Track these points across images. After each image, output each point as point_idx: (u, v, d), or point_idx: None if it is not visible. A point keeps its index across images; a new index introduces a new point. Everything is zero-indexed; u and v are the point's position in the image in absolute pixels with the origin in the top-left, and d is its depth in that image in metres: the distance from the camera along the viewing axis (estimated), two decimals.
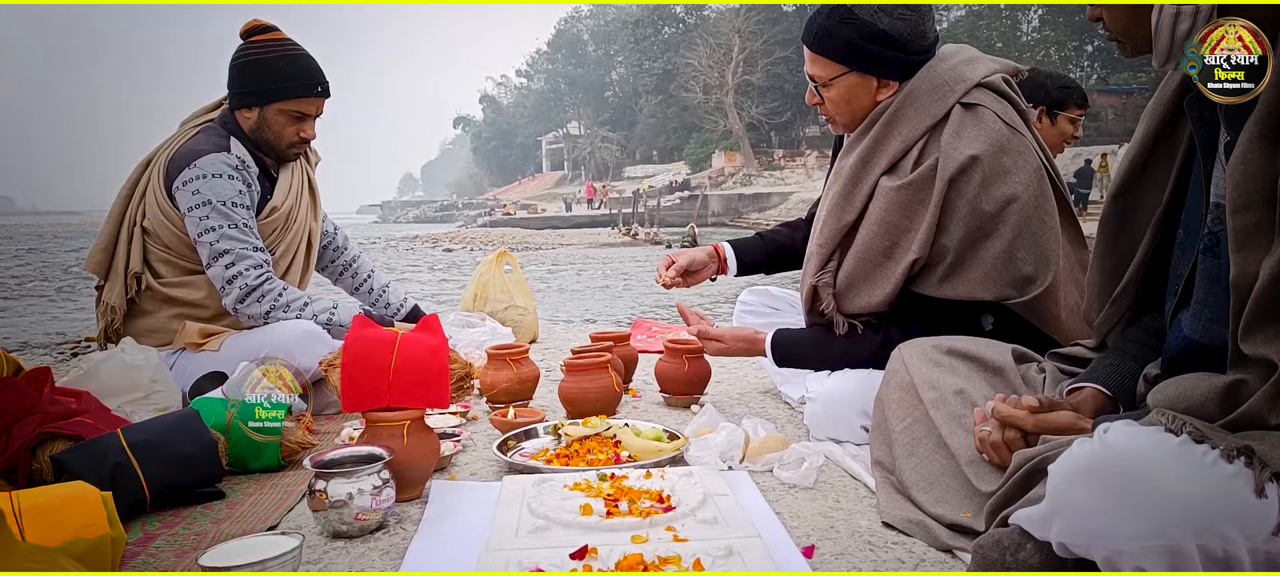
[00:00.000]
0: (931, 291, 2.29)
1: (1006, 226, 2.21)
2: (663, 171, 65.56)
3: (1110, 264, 1.73)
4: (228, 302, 2.89)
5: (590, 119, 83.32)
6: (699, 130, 64.73)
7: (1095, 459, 1.19)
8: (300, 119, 3.06)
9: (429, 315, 2.26)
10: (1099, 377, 1.70)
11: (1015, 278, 2.22)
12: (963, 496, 1.75)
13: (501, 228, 48.09)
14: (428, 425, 2.10)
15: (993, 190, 2.21)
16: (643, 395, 3.15)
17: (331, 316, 2.96)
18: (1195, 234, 1.51)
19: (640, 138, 78.06)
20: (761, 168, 57.49)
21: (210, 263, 2.88)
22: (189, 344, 2.90)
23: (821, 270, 2.43)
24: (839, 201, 2.40)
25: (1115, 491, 1.16)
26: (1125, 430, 1.20)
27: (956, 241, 2.22)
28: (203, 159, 2.89)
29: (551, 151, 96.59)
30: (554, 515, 1.75)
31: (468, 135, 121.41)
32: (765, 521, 1.82)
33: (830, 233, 2.41)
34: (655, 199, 47.46)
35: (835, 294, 2.41)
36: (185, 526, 1.90)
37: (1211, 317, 1.45)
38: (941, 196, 2.21)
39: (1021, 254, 2.21)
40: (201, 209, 2.85)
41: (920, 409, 1.95)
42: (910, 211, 2.26)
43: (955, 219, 2.22)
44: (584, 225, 47.47)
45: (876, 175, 2.33)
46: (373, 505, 1.81)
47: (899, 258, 2.28)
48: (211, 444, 2.09)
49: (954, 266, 2.24)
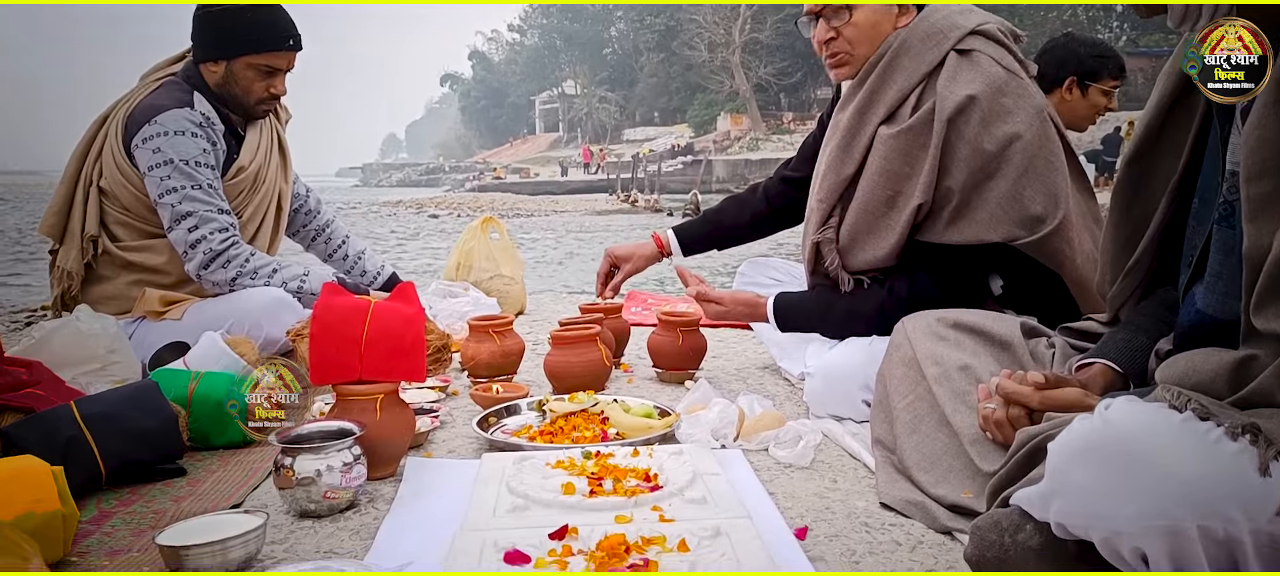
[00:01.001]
0: (937, 238, 2.33)
1: (1011, 165, 2.26)
2: (664, 134, 65.41)
3: (1124, 234, 1.74)
4: (191, 268, 2.89)
5: (587, 77, 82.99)
6: (703, 91, 64.49)
7: (1095, 436, 1.20)
8: (270, 73, 3.04)
9: (404, 283, 2.26)
10: (1109, 353, 1.72)
11: (1023, 216, 2.26)
12: (965, 476, 1.77)
13: (491, 193, 48.02)
14: (402, 399, 2.12)
15: (993, 129, 2.26)
16: (635, 370, 3.17)
17: (303, 284, 2.97)
18: (1211, 203, 1.52)
19: (641, 98, 77.87)
20: (769, 131, 57.31)
21: (172, 226, 2.87)
22: (149, 312, 2.90)
23: (823, 226, 2.48)
24: (837, 154, 2.45)
25: (1115, 470, 1.17)
26: (1126, 406, 1.21)
27: (960, 183, 2.27)
28: (164, 115, 2.88)
29: (545, 112, 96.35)
30: (534, 494, 1.76)
31: (456, 94, 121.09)
32: (756, 501, 1.84)
33: (830, 187, 2.46)
34: (656, 163, 47.40)
35: (839, 250, 2.47)
36: (143, 504, 1.92)
37: (1225, 291, 1.46)
38: (941, 138, 2.26)
39: (1028, 192, 2.27)
40: (163, 168, 2.84)
41: (923, 385, 1.96)
42: (911, 157, 2.31)
43: (957, 160, 2.27)
44: (580, 191, 47.41)
45: (874, 125, 2.38)
46: (342, 483, 1.82)
47: (902, 206, 2.33)
48: (172, 418, 2.10)
49: (959, 209, 2.29)
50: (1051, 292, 2.38)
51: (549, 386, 2.83)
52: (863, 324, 2.46)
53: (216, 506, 1.87)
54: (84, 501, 1.89)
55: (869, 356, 2.35)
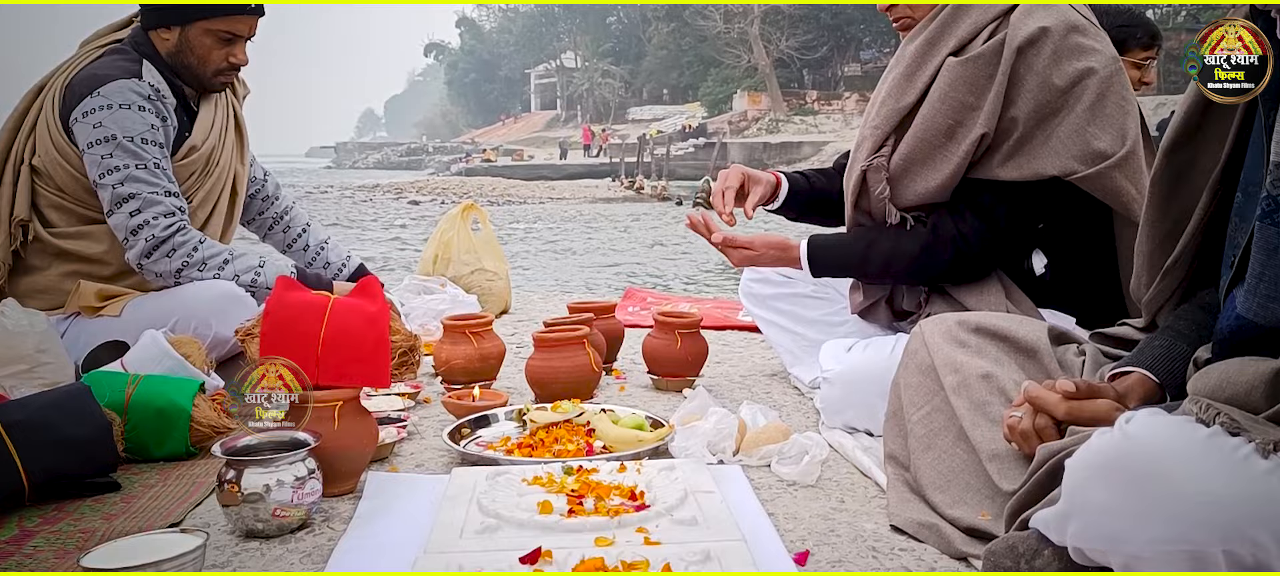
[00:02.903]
0: (991, 174, 2.40)
1: (1079, 102, 2.34)
2: (674, 114, 65.41)
3: (1162, 231, 1.74)
4: (131, 257, 2.88)
5: (589, 49, 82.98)
6: (718, 65, 64.45)
7: (1114, 452, 1.21)
8: (230, 41, 3.04)
9: (367, 277, 2.26)
10: (1145, 361, 1.72)
11: (1085, 151, 2.34)
12: (984, 496, 1.78)
13: (480, 177, 47.93)
14: (365, 407, 2.13)
15: (1064, 65, 2.34)
16: (628, 377, 3.19)
17: (257, 277, 2.96)
18: (1254, 198, 1.52)
19: (648, 73, 77.82)
20: (791, 111, 57.28)
21: (112, 209, 2.87)
22: (84, 307, 2.89)
23: (875, 153, 2.54)
24: (899, 83, 2.52)
25: (1134, 489, 1.18)
26: (1149, 419, 1.22)
27: (1025, 114, 2.35)
28: (108, 86, 2.87)
29: (542, 87, 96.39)
30: (507, 513, 1.78)
31: (441, 66, 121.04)
32: (754, 522, 1.85)
33: (887, 113, 2.53)
34: (665, 146, 47.35)
35: (889, 179, 2.52)
36: (71, 522, 1.92)
37: (1268, 294, 1.46)
38: (1010, 66, 2.34)
39: (1093, 127, 2.34)
40: (103, 145, 2.84)
41: (940, 395, 1.97)
42: (976, 86, 2.38)
43: (1024, 91, 2.35)
44: (579, 175, 47.44)
45: (943, 55, 2.45)
46: (294, 499, 1.83)
47: (961, 138, 2.40)
48: (105, 426, 2.11)
49: (1020, 143, 2.37)
50: (1097, 280, 2.43)
51: (531, 394, 2.84)
52: (905, 263, 2.51)
53: (152, 525, 1.88)
54: (4, 519, 1.90)
55: (894, 360, 2.35)
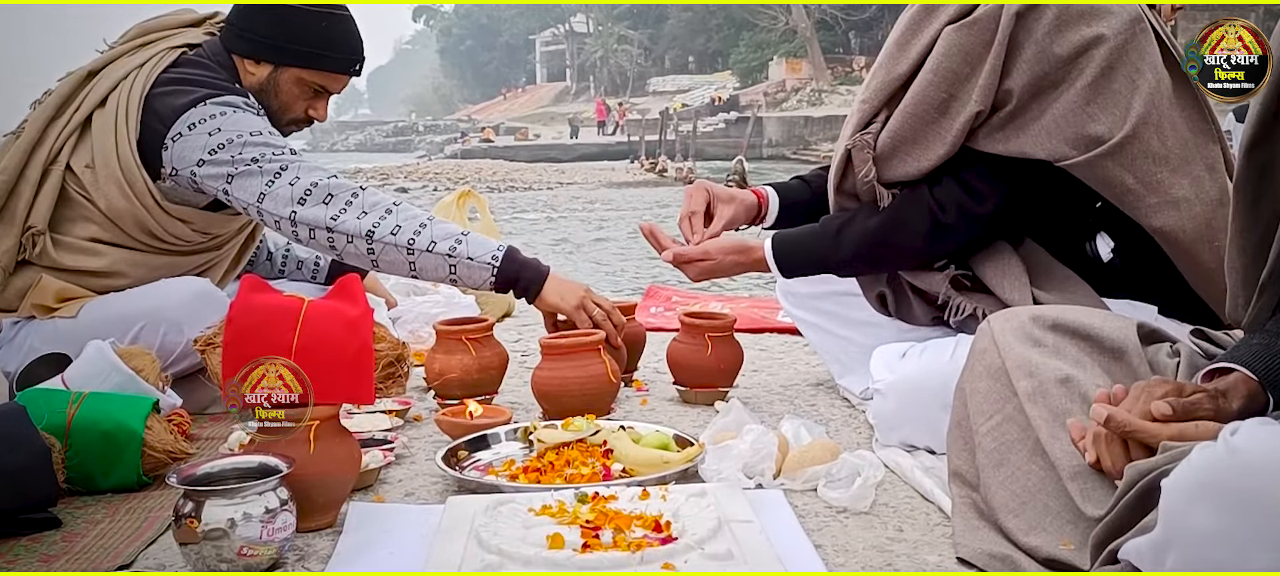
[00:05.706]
0: (976, 143, 2.45)
1: (1082, 77, 2.37)
2: (701, 85, 65.53)
3: (1253, 240, 1.72)
4: (282, 211, 2.85)
5: (603, 12, 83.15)
6: (752, 28, 64.55)
7: (1218, 469, 1.20)
8: (318, 94, 3.13)
9: (348, 276, 2.25)
10: (1243, 358, 1.69)
11: (1078, 136, 2.36)
12: (1064, 521, 1.76)
13: (478, 160, 47.96)
14: (345, 428, 2.12)
15: (1068, 32, 2.37)
16: (650, 388, 3.18)
17: (455, 247, 2.87)
18: None
19: (671, 38, 77.99)
20: (835, 81, 57.24)
21: (262, 193, 2.83)
22: (37, 307, 2.85)
23: (862, 130, 2.58)
24: (892, 51, 2.57)
25: (1243, 510, 1.17)
26: (1258, 430, 1.21)
27: (1020, 85, 2.38)
28: (219, 97, 2.90)
29: (548, 56, 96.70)
30: (511, 549, 1.77)
31: (433, 32, 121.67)
32: (798, 556, 1.84)
33: (878, 85, 2.58)
34: (690, 122, 47.32)
35: (875, 158, 2.55)
36: (1, 565, 1.92)
37: None
38: (1008, 32, 2.36)
39: (1093, 107, 2.36)
40: (228, 149, 2.82)
41: (1013, 403, 1.95)
42: (972, 56, 2.41)
43: (1021, 61, 2.38)
44: (593, 156, 47.54)
45: (941, 23, 2.48)
46: (263, 536, 1.82)
47: (955, 113, 2.44)
48: (43, 452, 2.08)
49: (1011, 116, 2.41)
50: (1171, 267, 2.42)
51: (538, 409, 2.83)
52: (874, 240, 2.57)
53: (98, 566, 1.88)
54: None
55: (956, 367, 2.34)
